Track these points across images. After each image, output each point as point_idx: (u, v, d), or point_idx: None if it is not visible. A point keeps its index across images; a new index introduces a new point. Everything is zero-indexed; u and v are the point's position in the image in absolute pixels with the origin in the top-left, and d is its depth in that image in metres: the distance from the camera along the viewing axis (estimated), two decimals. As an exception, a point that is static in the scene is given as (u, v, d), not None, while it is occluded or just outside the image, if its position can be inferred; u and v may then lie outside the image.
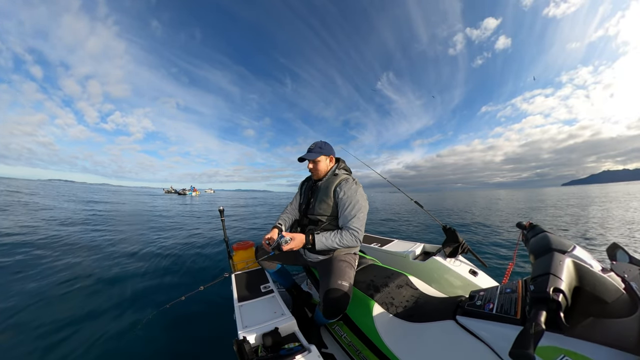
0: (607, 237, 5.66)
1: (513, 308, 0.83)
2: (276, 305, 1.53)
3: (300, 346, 1.12)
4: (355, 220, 1.51)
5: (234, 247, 2.43)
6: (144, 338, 2.33)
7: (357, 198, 1.55)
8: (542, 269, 0.71)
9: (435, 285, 1.67)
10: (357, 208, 1.53)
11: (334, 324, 1.58)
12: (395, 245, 2.45)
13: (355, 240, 1.48)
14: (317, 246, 1.48)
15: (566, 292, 0.63)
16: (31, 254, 4.46)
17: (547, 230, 0.95)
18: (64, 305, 2.81)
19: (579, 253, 0.75)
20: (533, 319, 0.59)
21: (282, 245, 1.42)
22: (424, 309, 1.25)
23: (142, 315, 2.63)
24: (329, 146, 1.76)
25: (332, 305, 1.35)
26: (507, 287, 0.96)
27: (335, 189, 1.61)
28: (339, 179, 1.65)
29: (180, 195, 28.53)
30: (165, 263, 4.48)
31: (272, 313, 1.43)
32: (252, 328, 1.27)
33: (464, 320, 0.95)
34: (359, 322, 1.35)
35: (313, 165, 1.73)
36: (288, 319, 1.35)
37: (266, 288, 1.76)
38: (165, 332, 2.44)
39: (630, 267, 0.72)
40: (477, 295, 1.03)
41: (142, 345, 2.24)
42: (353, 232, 1.48)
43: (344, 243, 1.48)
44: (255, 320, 1.35)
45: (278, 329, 1.24)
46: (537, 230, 1.00)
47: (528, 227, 1.12)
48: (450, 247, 1.96)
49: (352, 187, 1.59)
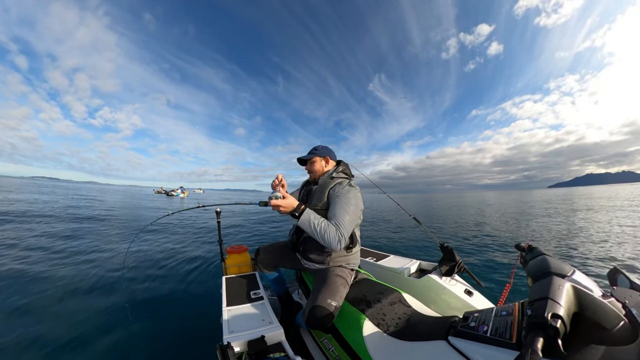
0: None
1: (508, 332, 0.80)
2: (265, 312, 1.49)
3: (286, 357, 1.08)
4: (342, 215, 1.40)
5: (228, 250, 2.40)
6: (125, 335, 2.27)
7: (349, 197, 1.48)
8: (540, 293, 0.69)
9: (429, 303, 1.63)
10: (345, 205, 1.44)
11: (322, 337, 1.53)
12: (390, 260, 2.41)
13: (337, 235, 1.33)
14: (301, 219, 1.34)
15: (565, 318, 0.61)
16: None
17: (546, 253, 0.93)
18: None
19: (578, 277, 0.73)
20: (529, 345, 0.57)
21: (271, 199, 1.34)
22: (416, 328, 1.21)
23: (124, 309, 2.58)
24: (327, 149, 1.77)
25: (315, 320, 1.36)
26: (503, 309, 0.93)
27: (329, 191, 1.57)
28: (334, 182, 1.61)
29: (169, 197, 28.42)
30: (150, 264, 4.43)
31: (260, 320, 1.39)
32: (238, 334, 1.24)
33: (456, 342, 0.92)
34: (348, 336, 1.31)
35: (309, 166, 1.76)
36: (276, 327, 1.31)
37: (256, 294, 1.72)
38: (147, 328, 2.38)
39: (631, 293, 0.70)
40: (471, 316, 1.00)
41: (121, 341, 2.18)
42: (338, 228, 1.35)
43: (326, 234, 1.32)
44: (242, 326, 1.31)
45: (265, 337, 1.20)
46: (535, 253, 0.98)
47: (527, 249, 1.09)
48: (446, 266, 1.93)
49: (345, 187, 1.55)
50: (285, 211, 1.36)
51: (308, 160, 1.75)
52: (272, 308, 1.55)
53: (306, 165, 1.78)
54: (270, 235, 7.89)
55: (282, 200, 1.34)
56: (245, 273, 2.14)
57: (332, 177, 1.67)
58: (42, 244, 5.18)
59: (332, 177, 1.67)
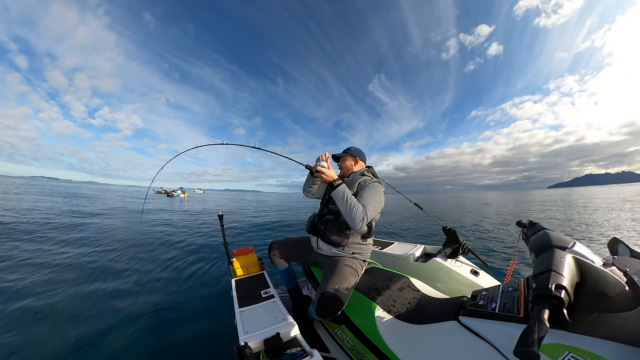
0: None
1: (516, 306, 0.83)
2: (277, 310, 1.51)
3: (303, 351, 1.10)
4: (369, 200, 1.54)
5: (234, 252, 2.41)
6: (141, 345, 2.30)
7: (377, 189, 1.65)
8: (544, 266, 0.71)
9: (437, 286, 1.66)
10: (373, 193, 1.60)
11: (335, 328, 1.56)
12: (395, 247, 2.44)
13: (363, 212, 1.46)
14: (337, 189, 1.54)
15: (568, 288, 0.63)
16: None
17: (547, 228, 0.95)
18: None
19: (579, 249, 0.75)
20: (536, 317, 0.59)
21: (316, 166, 1.61)
22: (426, 311, 1.24)
23: (138, 321, 2.61)
24: (359, 150, 1.99)
25: (325, 307, 1.39)
26: (509, 285, 0.96)
27: (360, 182, 1.72)
28: (363, 178, 1.76)
29: (169, 197, 27.49)
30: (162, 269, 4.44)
31: (273, 318, 1.42)
32: (254, 333, 1.26)
33: (467, 321, 0.94)
34: (361, 325, 1.34)
35: (340, 162, 1.98)
36: (290, 324, 1.33)
37: (267, 293, 1.74)
38: (164, 337, 2.41)
39: (631, 261, 0.72)
40: (479, 295, 1.03)
41: (137, 352, 2.21)
42: (365, 207, 1.49)
43: (354, 208, 1.47)
44: (256, 326, 1.34)
45: (280, 334, 1.22)
46: (537, 228, 1.00)
47: (528, 225, 1.12)
48: (450, 248, 1.96)
49: (374, 181, 1.73)
50: (326, 179, 1.59)
51: (340, 157, 1.97)
52: (283, 305, 1.57)
53: (338, 162, 2.01)
54: (270, 237, 7.92)
55: (326, 170, 1.59)
56: (254, 273, 2.16)
57: (363, 174, 1.83)
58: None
59: (363, 174, 1.83)
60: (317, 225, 1.80)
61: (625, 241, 0.81)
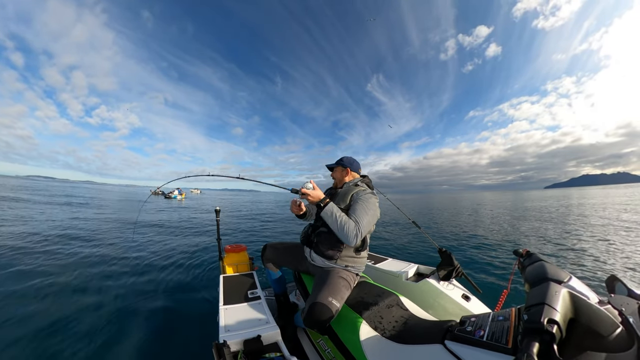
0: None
1: (505, 336, 0.81)
2: (262, 312, 1.49)
3: (282, 357, 1.08)
4: (362, 215, 1.51)
5: (226, 248, 2.40)
6: (121, 331, 2.27)
7: (370, 202, 1.62)
8: (537, 299, 0.69)
9: (427, 307, 1.63)
10: (366, 207, 1.57)
11: (318, 338, 1.53)
12: (388, 264, 2.41)
13: (355, 229, 1.43)
14: (325, 209, 1.50)
15: (561, 324, 0.62)
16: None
17: (544, 259, 0.93)
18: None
19: (575, 284, 0.73)
20: (525, 350, 0.57)
21: (302, 188, 1.58)
22: (413, 331, 1.21)
23: (120, 306, 2.58)
24: (350, 160, 1.94)
25: (314, 318, 1.35)
26: (500, 314, 0.94)
27: (353, 195, 1.69)
28: (358, 189, 1.74)
29: (167, 199, 27.54)
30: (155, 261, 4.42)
31: (256, 320, 1.39)
32: (235, 333, 1.24)
33: (453, 346, 0.92)
34: (345, 338, 1.31)
35: (333, 173, 1.98)
36: (272, 327, 1.31)
37: (254, 294, 1.72)
38: (143, 326, 2.38)
39: (628, 301, 0.70)
40: (468, 320, 1.00)
41: (116, 339, 2.17)
42: (357, 224, 1.46)
43: (345, 226, 1.44)
44: (238, 325, 1.32)
45: (261, 336, 1.20)
46: (533, 259, 0.98)
47: (525, 255, 1.10)
48: (444, 271, 1.93)
49: (367, 194, 1.69)
50: (312, 201, 1.56)
51: (333, 167, 1.98)
52: (269, 308, 1.55)
53: (331, 172, 2.00)
54: (268, 239, 7.88)
55: (311, 191, 1.56)
56: (243, 272, 2.14)
57: (357, 184, 1.82)
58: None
59: (356, 184, 1.82)
60: (311, 237, 1.78)
61: (624, 280, 0.79)
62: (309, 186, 1.58)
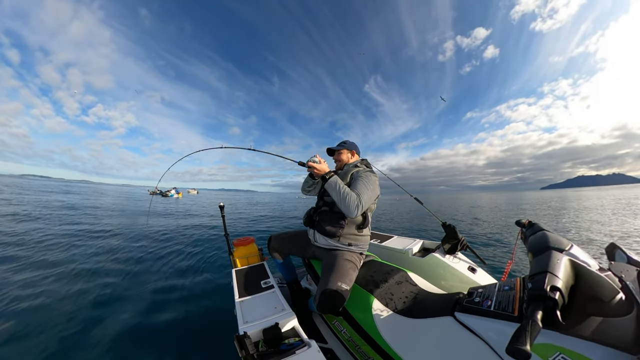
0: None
1: (511, 305, 0.84)
2: (276, 300, 1.54)
3: (301, 341, 1.13)
4: (363, 189, 1.56)
5: (234, 242, 2.44)
6: (144, 331, 2.36)
7: (370, 178, 1.67)
8: (540, 267, 0.72)
9: (434, 281, 1.69)
10: (366, 182, 1.62)
11: (333, 320, 1.59)
12: (394, 241, 2.46)
13: (357, 200, 1.48)
14: (330, 180, 1.60)
15: (563, 290, 0.64)
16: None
17: (546, 229, 0.95)
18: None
19: (576, 252, 0.76)
20: (530, 317, 0.60)
21: (309, 161, 1.70)
22: (423, 305, 1.26)
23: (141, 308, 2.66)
24: (354, 144, 2.01)
25: (327, 304, 1.41)
26: (506, 284, 0.97)
27: (353, 173, 1.74)
28: (357, 169, 1.78)
29: (164, 197, 28.33)
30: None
31: (272, 308, 1.44)
32: (253, 323, 1.28)
33: (462, 317, 0.96)
34: (359, 317, 1.37)
35: (336, 156, 1.99)
36: (288, 314, 1.36)
37: (266, 284, 1.77)
38: (164, 326, 2.47)
39: (628, 267, 0.73)
40: (475, 292, 1.04)
41: (141, 340, 2.27)
42: (359, 196, 1.51)
43: (347, 197, 1.50)
44: (255, 316, 1.36)
45: (278, 324, 1.25)
46: (535, 229, 1.00)
47: (527, 225, 1.12)
48: (449, 244, 1.98)
49: (367, 171, 1.75)
50: (318, 173, 1.67)
51: (336, 150, 1.97)
52: (282, 295, 1.60)
53: (334, 155, 2.01)
54: (271, 230, 7.95)
55: (317, 164, 1.67)
56: (254, 264, 2.19)
57: (357, 165, 1.85)
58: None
59: (356, 165, 1.85)
60: (313, 217, 1.83)
61: (623, 247, 0.81)
62: (315, 160, 1.70)
